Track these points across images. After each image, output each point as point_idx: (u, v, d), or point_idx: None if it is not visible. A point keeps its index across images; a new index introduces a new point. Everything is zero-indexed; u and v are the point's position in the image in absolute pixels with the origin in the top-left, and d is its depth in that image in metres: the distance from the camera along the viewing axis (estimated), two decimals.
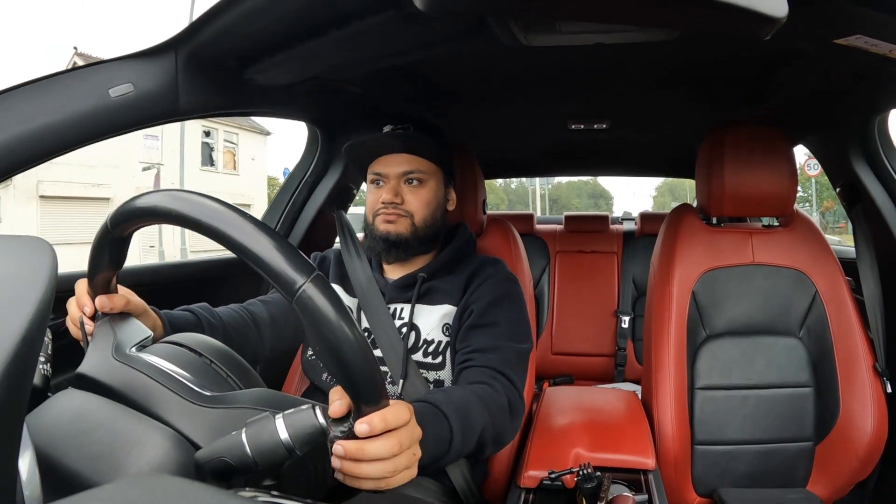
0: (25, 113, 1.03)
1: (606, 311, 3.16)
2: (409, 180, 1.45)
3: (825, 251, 1.72)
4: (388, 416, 0.72)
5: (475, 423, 1.07)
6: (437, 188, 1.49)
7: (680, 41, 1.32)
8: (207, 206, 0.66)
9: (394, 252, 1.44)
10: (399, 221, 1.43)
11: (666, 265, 1.74)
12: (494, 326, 1.34)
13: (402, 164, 1.45)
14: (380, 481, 0.77)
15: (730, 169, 1.67)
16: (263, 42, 1.24)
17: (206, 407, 0.72)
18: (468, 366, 1.28)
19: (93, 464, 0.63)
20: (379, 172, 1.46)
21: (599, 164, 3.56)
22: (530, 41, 1.33)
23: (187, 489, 0.31)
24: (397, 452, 0.75)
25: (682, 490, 1.63)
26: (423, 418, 0.89)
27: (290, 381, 1.64)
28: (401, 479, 0.79)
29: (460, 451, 1.04)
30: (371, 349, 0.67)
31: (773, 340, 1.69)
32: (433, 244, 1.51)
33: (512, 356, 1.30)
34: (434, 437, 0.96)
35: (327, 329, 0.63)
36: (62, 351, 0.93)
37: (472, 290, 1.42)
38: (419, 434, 0.82)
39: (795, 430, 1.65)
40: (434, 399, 1.04)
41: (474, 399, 1.11)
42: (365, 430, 0.71)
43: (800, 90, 1.67)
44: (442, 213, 1.51)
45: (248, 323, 1.39)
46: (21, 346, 0.42)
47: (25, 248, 0.55)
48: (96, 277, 0.86)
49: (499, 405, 1.17)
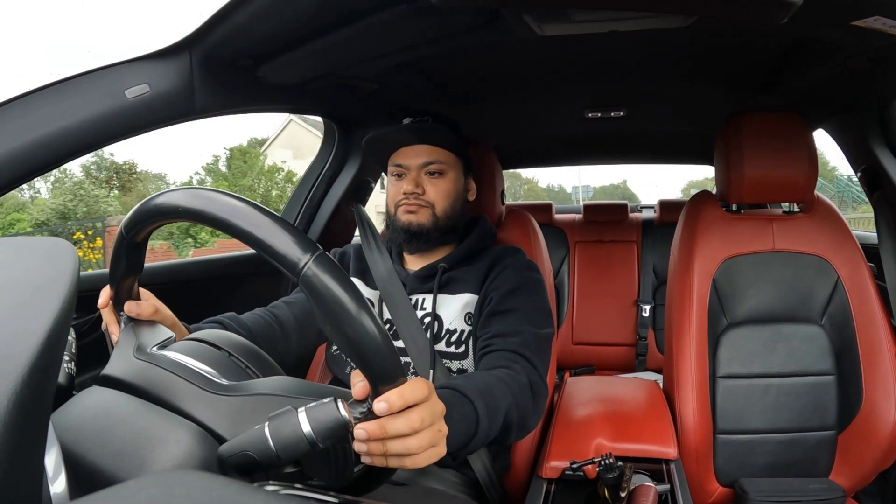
0: (44, 116, 1.04)
1: (627, 300, 3.14)
2: (430, 172, 1.46)
3: (847, 237, 1.70)
4: (405, 391, 0.71)
5: (499, 403, 1.06)
6: (457, 179, 1.50)
7: (696, 28, 1.31)
8: (210, 197, 0.67)
9: (415, 242, 1.45)
10: (420, 212, 1.44)
11: (686, 253, 1.72)
12: (514, 312, 1.34)
13: (422, 156, 1.46)
14: (405, 459, 0.75)
15: (749, 155, 1.65)
16: (277, 40, 1.25)
17: (224, 395, 0.73)
18: (488, 351, 1.28)
19: (117, 460, 0.64)
20: (400, 164, 1.47)
21: (616, 153, 3.52)
22: (544, 31, 1.32)
23: (211, 484, 0.32)
24: (419, 428, 0.74)
25: (703, 480, 1.62)
26: (446, 401, 0.87)
27: (311, 374, 1.66)
28: (428, 457, 0.78)
29: (487, 433, 1.03)
30: (382, 325, 0.67)
31: (795, 328, 1.67)
32: (453, 235, 1.51)
33: (531, 339, 1.29)
34: (460, 419, 0.96)
35: (333, 305, 0.63)
36: (86, 349, 0.95)
37: (491, 279, 1.42)
38: (442, 409, 0.81)
39: (818, 420, 1.64)
40: (455, 384, 1.03)
41: (495, 381, 1.11)
42: (384, 407, 0.70)
43: (818, 75, 1.65)
44: (462, 204, 1.52)
45: (273, 328, 1.40)
46: (46, 344, 0.42)
47: (48, 250, 0.56)
48: (118, 284, 0.87)
49: (520, 385, 1.16)
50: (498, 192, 1.73)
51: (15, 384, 0.38)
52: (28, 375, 0.39)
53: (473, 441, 1.00)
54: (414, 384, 0.73)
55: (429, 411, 0.76)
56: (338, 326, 0.64)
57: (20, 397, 0.38)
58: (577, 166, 5.49)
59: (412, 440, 0.74)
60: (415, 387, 0.73)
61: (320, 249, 0.64)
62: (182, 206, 0.69)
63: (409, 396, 0.72)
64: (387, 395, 0.70)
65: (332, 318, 0.64)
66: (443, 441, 0.81)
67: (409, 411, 0.73)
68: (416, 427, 0.73)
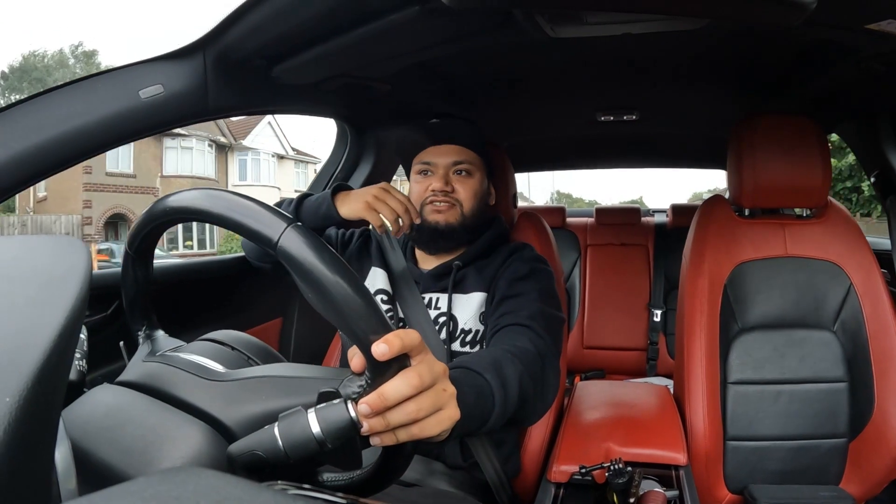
0: (60, 115, 1.06)
1: (638, 304, 3.13)
2: (458, 171, 1.46)
3: (860, 243, 1.68)
4: (399, 333, 0.67)
5: (509, 373, 1.01)
6: (483, 180, 1.51)
7: (708, 31, 1.30)
8: (192, 196, 0.71)
9: (441, 242, 1.46)
10: (449, 211, 1.44)
11: (698, 258, 1.71)
12: (520, 296, 1.32)
13: (451, 155, 1.46)
14: (412, 427, 0.70)
15: (762, 159, 1.64)
16: (290, 41, 1.25)
17: (221, 381, 0.74)
18: (496, 329, 1.26)
19: (126, 457, 0.64)
20: (428, 162, 1.47)
21: (629, 156, 3.51)
22: (557, 33, 1.32)
23: (219, 482, 0.32)
24: (419, 386, 0.69)
25: (713, 486, 1.61)
26: (456, 379, 0.81)
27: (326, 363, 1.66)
28: (439, 422, 0.73)
29: (505, 406, 0.97)
30: (363, 286, 0.66)
31: (807, 334, 1.66)
32: (476, 235, 1.51)
33: (538, 313, 1.26)
34: (475, 394, 0.91)
35: (310, 271, 0.64)
36: (97, 347, 0.95)
37: (500, 273, 1.42)
38: (442, 368, 0.75)
39: (829, 427, 1.62)
40: (461, 361, 1.00)
41: (501, 353, 1.07)
42: (383, 349, 0.65)
43: (831, 79, 1.63)
44: (486, 205, 1.53)
45: None
46: (58, 341, 0.43)
47: (61, 248, 0.56)
48: (131, 298, 0.89)
49: (529, 354, 1.12)
50: (510, 195, 1.73)
51: (27, 380, 0.39)
52: (40, 372, 0.40)
53: (493, 415, 0.95)
54: (406, 331, 0.69)
55: (426, 367, 0.71)
56: (320, 293, 0.64)
57: (32, 393, 0.38)
58: (591, 173, 5.46)
59: (412, 404, 0.69)
60: (408, 332, 0.69)
61: (294, 221, 0.65)
62: (170, 207, 0.73)
63: (406, 338, 0.67)
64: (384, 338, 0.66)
65: (311, 284, 0.64)
66: (452, 403, 0.76)
67: (404, 371, 0.68)
68: (416, 385, 0.68)
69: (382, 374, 0.67)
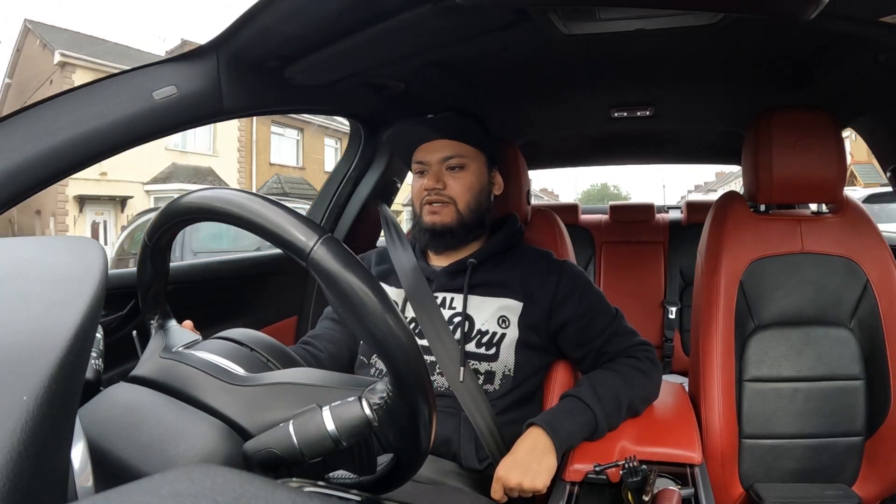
0: (74, 117, 1.06)
1: (653, 301, 3.12)
2: (451, 166, 1.46)
3: (877, 239, 1.66)
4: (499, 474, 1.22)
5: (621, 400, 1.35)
6: (480, 172, 1.50)
7: (723, 25, 1.29)
8: (220, 195, 0.70)
9: (441, 241, 1.46)
10: (443, 211, 1.44)
11: (713, 254, 1.70)
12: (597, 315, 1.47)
13: (442, 150, 1.46)
14: None
15: (778, 154, 1.62)
16: (303, 41, 1.26)
17: (243, 386, 0.74)
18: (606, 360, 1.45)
19: (142, 455, 0.65)
20: (421, 161, 1.48)
21: (644, 153, 3.48)
22: (570, 30, 1.32)
23: (235, 479, 0.32)
24: None
25: (728, 485, 1.60)
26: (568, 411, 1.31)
27: None
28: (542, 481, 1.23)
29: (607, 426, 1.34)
30: (393, 304, 0.66)
31: (824, 331, 1.65)
32: (480, 230, 1.51)
33: (622, 324, 1.50)
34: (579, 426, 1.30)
35: (342, 284, 0.63)
36: (114, 346, 0.96)
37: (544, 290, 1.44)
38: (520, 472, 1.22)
39: (846, 425, 1.61)
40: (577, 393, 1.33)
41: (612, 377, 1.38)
42: None
43: (847, 72, 1.62)
44: (486, 197, 1.52)
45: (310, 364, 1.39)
46: (74, 340, 0.43)
47: (77, 248, 0.57)
48: (146, 290, 0.89)
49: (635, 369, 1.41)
50: (524, 192, 1.72)
51: (44, 379, 0.39)
52: (57, 371, 0.40)
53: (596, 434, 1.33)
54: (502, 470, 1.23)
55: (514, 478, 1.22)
56: (349, 307, 0.64)
57: (49, 392, 0.39)
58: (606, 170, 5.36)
59: None
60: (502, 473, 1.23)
61: (328, 233, 0.65)
62: (197, 205, 0.72)
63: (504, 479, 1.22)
64: None
65: (342, 299, 0.64)
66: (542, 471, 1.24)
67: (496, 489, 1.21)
68: None
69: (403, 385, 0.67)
